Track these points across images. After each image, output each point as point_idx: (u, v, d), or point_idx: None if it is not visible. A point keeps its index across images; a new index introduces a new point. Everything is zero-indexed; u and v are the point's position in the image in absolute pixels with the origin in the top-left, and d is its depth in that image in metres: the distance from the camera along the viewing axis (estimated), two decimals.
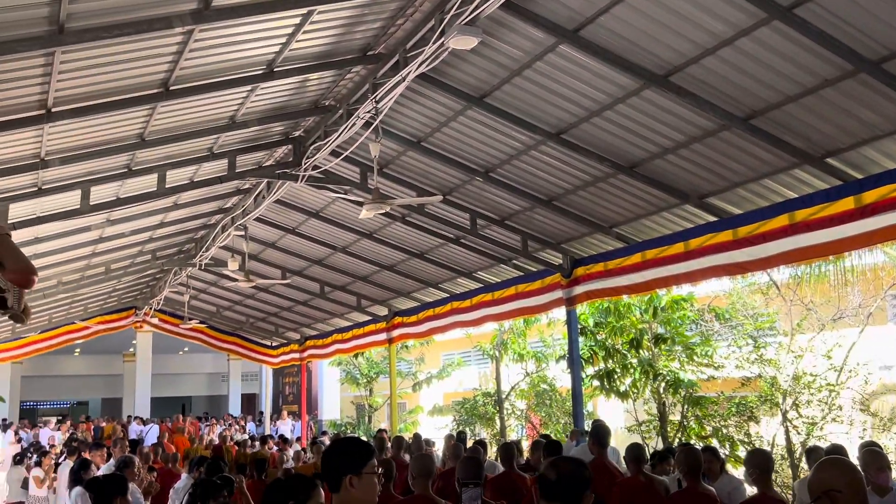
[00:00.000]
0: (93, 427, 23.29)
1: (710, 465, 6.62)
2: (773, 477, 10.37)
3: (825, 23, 5.33)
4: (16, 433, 22.21)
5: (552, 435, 15.02)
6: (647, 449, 10.56)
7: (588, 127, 7.47)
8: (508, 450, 7.35)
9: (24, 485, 12.41)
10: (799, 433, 10.32)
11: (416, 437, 10.81)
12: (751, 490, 5.59)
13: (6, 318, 9.33)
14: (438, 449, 12.09)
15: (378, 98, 7.00)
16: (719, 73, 6.18)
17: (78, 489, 7.64)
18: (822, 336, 10.79)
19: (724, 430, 10.93)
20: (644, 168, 7.88)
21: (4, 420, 24.99)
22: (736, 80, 6.21)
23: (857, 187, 6.61)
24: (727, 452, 10.74)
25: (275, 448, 14.76)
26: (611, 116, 7.18)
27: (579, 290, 10.10)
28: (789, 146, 6.73)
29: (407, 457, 9.37)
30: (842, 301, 10.96)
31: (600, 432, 6.75)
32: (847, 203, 6.61)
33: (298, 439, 18.61)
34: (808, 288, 10.60)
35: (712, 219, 8.18)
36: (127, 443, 13.18)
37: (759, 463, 5.06)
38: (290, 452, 13.03)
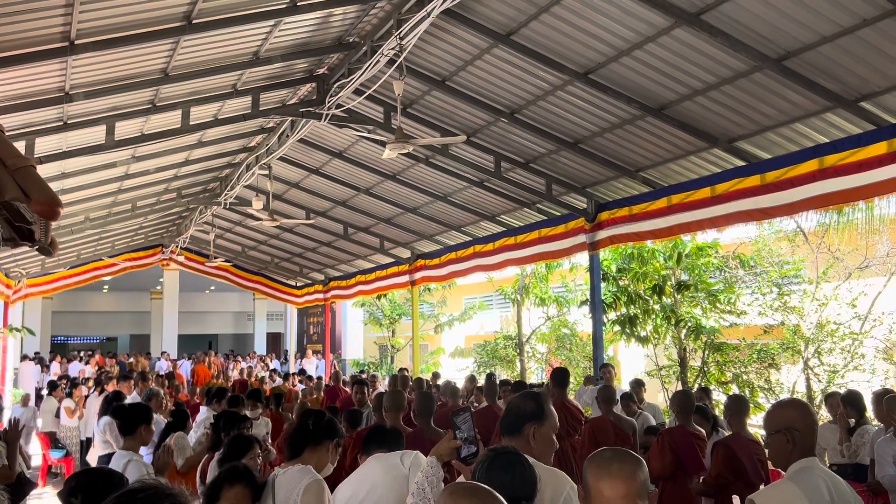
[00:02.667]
0: (116, 362, 23.94)
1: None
2: None
3: None
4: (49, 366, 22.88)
5: (572, 378, 15.16)
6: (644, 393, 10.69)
7: (617, 67, 7.31)
8: (492, 387, 8.90)
9: (57, 414, 12.82)
10: (820, 381, 10.30)
11: (419, 380, 11.24)
12: None
13: (34, 251, 9.50)
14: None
15: (402, 34, 6.88)
16: (753, 12, 5.99)
17: (106, 418, 7.87)
18: (848, 284, 10.67)
19: (745, 377, 10.92)
20: (673, 110, 7.73)
21: (37, 353, 25.65)
22: (770, 20, 6.02)
23: (891, 132, 6.44)
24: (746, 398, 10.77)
25: (298, 385, 15.17)
26: (640, 56, 7.02)
27: (603, 234, 10.04)
28: (822, 89, 6.56)
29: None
30: (869, 250, 10.81)
31: (559, 376, 7.75)
32: (879, 148, 6.47)
33: (319, 378, 18.96)
34: (836, 236, 10.45)
35: (741, 163, 8.04)
36: (150, 377, 13.61)
37: (733, 406, 5.75)
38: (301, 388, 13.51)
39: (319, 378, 16.62)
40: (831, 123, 7.06)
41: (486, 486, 1.93)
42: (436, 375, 13.46)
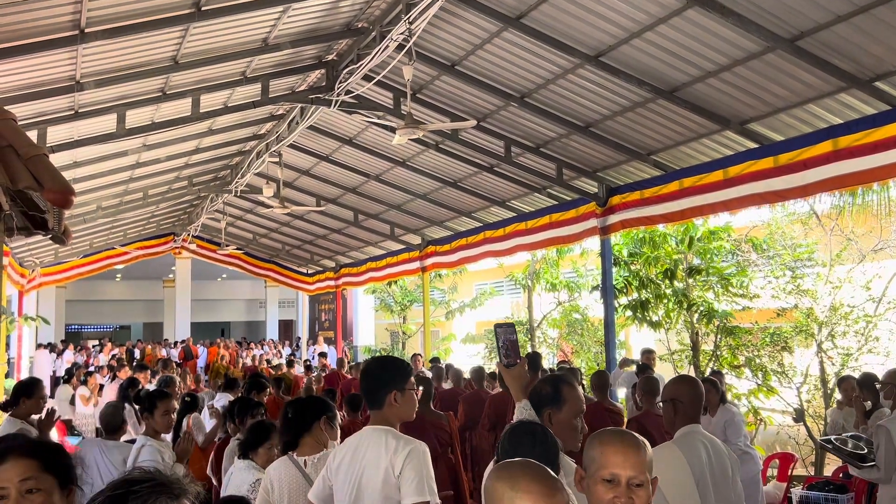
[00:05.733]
0: (126, 350, 24.25)
1: (708, 395, 6.98)
2: (806, 407, 10.42)
3: None
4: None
5: (583, 363, 15.17)
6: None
7: (628, 49, 7.25)
8: (479, 372, 9.33)
9: (72, 401, 12.94)
10: (833, 364, 10.24)
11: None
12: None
13: (48, 240, 9.51)
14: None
15: (411, 19, 6.86)
16: None
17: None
18: (862, 267, 10.59)
19: (757, 360, 10.87)
20: (684, 92, 7.67)
21: (50, 343, 25.85)
22: None
23: None
24: (760, 382, 10.73)
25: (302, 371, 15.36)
26: (651, 38, 6.96)
27: (614, 219, 9.99)
28: (836, 69, 6.48)
29: (445, 385, 10.23)
30: (884, 232, 10.71)
31: (531, 360, 8.34)
32: (894, 128, 6.39)
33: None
34: (850, 218, 10.34)
35: (753, 145, 7.98)
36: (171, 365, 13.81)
37: (644, 387, 6.68)
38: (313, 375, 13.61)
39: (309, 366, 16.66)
40: (845, 104, 6.99)
41: (533, 461, 1.89)
42: (435, 360, 13.49)
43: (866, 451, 5.83)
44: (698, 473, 3.25)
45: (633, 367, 10.60)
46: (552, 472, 1.85)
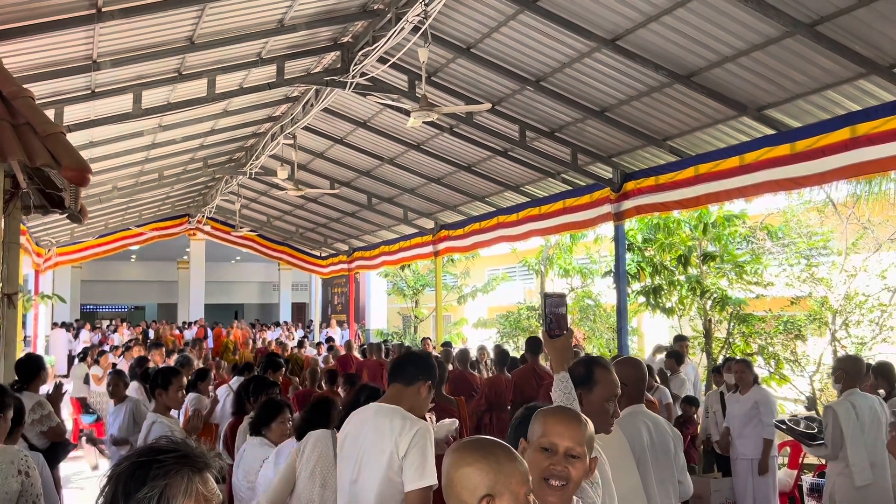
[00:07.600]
0: (142, 331, 24.43)
1: (742, 375, 7.09)
2: (818, 395, 10.40)
3: None
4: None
5: (595, 349, 15.17)
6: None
7: (645, 33, 7.19)
8: (464, 354, 9.86)
9: (86, 380, 13.09)
10: (847, 353, 10.20)
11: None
12: None
13: (64, 219, 9.58)
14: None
15: (427, 1, 6.83)
16: None
17: (133, 383, 8.04)
18: (878, 256, 10.52)
19: (770, 348, 10.84)
20: (701, 77, 7.60)
21: (65, 322, 26.10)
22: None
23: None
24: (772, 370, 10.70)
25: (314, 351, 15.50)
26: (669, 22, 6.89)
27: (628, 204, 9.95)
28: (856, 55, 6.41)
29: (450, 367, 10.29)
30: None
31: (532, 343, 8.82)
32: None
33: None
34: (866, 206, 10.27)
35: (770, 132, 7.91)
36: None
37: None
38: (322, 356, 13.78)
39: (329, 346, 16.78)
40: (864, 90, 6.91)
41: (491, 438, 1.92)
42: (447, 344, 13.55)
43: (816, 430, 6.12)
44: (638, 452, 3.43)
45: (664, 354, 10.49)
46: None
